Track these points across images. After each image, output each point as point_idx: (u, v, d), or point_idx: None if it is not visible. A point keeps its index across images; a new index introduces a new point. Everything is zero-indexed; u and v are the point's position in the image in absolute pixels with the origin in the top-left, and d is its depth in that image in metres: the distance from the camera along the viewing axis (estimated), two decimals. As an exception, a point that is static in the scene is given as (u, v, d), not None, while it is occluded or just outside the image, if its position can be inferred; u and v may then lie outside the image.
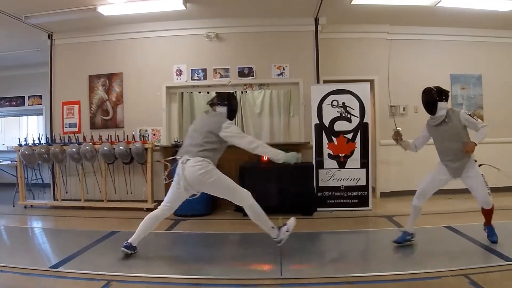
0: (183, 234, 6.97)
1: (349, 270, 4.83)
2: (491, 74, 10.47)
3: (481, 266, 4.83)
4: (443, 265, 4.86)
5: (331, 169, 8.47)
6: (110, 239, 6.42)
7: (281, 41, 9.42)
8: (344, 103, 8.47)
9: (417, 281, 4.48)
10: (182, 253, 5.89)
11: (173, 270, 5.08)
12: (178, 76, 9.42)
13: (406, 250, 5.81)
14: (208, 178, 5.33)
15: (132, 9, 8.42)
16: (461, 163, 5.81)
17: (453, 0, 8.39)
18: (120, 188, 9.33)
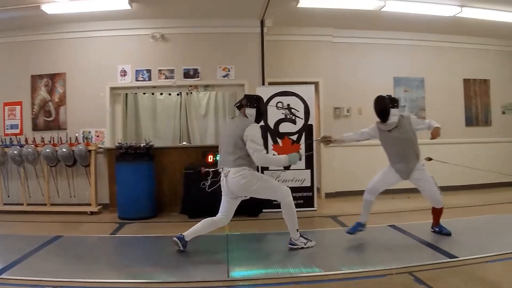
0: (128, 238, 6.88)
1: (296, 270, 4.89)
2: (433, 77, 10.78)
3: (425, 264, 4.95)
4: (388, 263, 4.98)
5: (276, 170, 8.49)
6: (54, 244, 6.26)
7: (227, 43, 9.42)
8: (289, 105, 8.52)
9: (362, 280, 4.56)
10: (128, 257, 5.81)
11: (119, 275, 5.00)
12: (122, 76, 9.27)
13: (352, 249, 5.94)
14: (252, 185, 5.46)
15: (76, 7, 8.24)
16: (410, 167, 6.02)
17: (397, 5, 8.57)
18: (63, 192, 9.10)
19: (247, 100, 5.71)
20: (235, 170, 5.40)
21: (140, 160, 8.23)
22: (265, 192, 5.70)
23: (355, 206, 8.69)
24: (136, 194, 8.11)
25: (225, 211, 5.76)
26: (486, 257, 5.12)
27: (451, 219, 6.83)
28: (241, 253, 5.79)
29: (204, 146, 9.93)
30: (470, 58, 11.22)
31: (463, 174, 9.82)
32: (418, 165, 6.05)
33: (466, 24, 9.67)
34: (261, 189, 5.58)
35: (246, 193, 5.62)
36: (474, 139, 11.03)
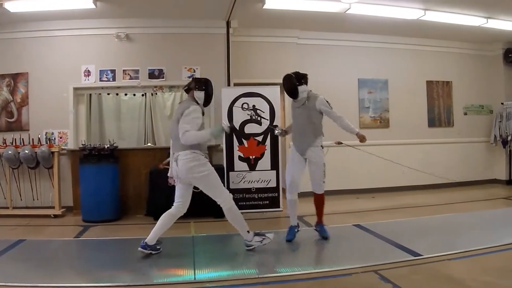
0: (92, 241, 6.77)
1: (262, 271, 4.90)
2: (397, 79, 10.94)
3: (390, 262, 5.01)
4: (354, 262, 5.05)
5: (242, 171, 8.54)
6: (16, 248, 6.10)
7: (192, 43, 9.38)
8: (255, 106, 8.55)
9: (328, 279, 4.59)
10: (92, 261, 5.73)
11: (84, 279, 4.92)
12: (86, 77, 9.12)
13: (318, 249, 6.04)
14: (199, 172, 5.43)
15: (40, 6, 8.12)
16: (306, 142, 6.27)
17: (362, 8, 8.66)
18: (26, 194, 8.91)
19: (195, 83, 5.69)
20: (185, 153, 5.38)
21: (104, 161, 8.12)
22: (209, 186, 5.62)
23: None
24: (101, 196, 7.99)
25: (180, 196, 5.74)
26: (450, 254, 5.25)
27: (414, 218, 6.95)
28: (208, 254, 5.78)
29: (169, 147, 9.71)
30: (433, 60, 11.47)
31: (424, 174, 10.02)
32: (314, 143, 6.29)
33: (430, 27, 9.88)
34: (207, 181, 5.54)
35: (193, 179, 5.50)
36: (437, 140, 11.26)
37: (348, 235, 6.52)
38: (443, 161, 10.94)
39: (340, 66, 10.57)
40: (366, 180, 10.45)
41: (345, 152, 10.28)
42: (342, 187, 10.15)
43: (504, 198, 9.69)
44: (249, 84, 9.25)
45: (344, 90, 10.43)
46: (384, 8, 8.72)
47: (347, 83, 10.50)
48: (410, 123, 11.03)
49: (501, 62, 11.79)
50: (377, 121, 10.71)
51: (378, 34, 10.65)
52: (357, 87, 10.58)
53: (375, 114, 10.75)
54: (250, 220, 7.78)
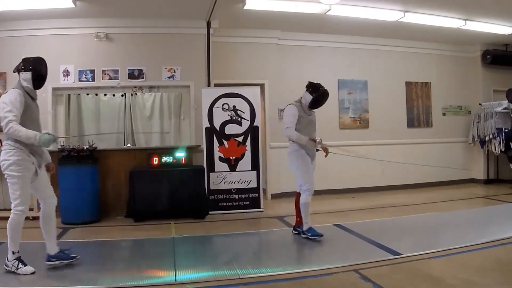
0: (71, 244, 6.64)
1: (243, 271, 4.88)
2: (376, 80, 11.03)
3: (371, 261, 5.05)
4: (334, 262, 5.07)
5: (222, 172, 8.53)
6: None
7: (173, 43, 9.33)
8: (235, 106, 8.55)
9: (309, 279, 4.60)
10: (72, 264, 5.68)
11: (63, 282, 4.83)
12: (65, 77, 9.01)
13: (298, 249, 6.04)
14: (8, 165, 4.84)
15: (18, 4, 8.00)
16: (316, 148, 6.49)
17: (343, 9, 8.72)
18: (4, 195, 8.67)
19: (22, 62, 5.32)
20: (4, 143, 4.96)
21: (84, 163, 8.02)
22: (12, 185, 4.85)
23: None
24: (80, 198, 7.89)
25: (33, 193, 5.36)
26: (429, 253, 5.32)
27: (394, 217, 7.00)
28: (188, 255, 5.76)
29: (149, 148, 9.83)
30: (412, 61, 11.60)
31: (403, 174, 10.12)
32: None
33: (409, 28, 10.00)
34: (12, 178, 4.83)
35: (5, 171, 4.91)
36: (416, 140, 11.37)
37: (328, 235, 6.49)
38: (422, 161, 11.04)
39: (320, 67, 10.58)
40: (347, 180, 10.51)
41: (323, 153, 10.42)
42: (322, 187, 10.16)
43: (482, 197, 9.83)
44: (230, 84, 9.25)
45: (323, 91, 10.48)
46: (364, 9, 8.79)
47: (327, 84, 10.19)
48: (390, 124, 11.13)
49: (479, 64, 11.97)
50: (356, 121, 10.78)
51: (358, 36, 10.72)
52: (337, 88, 10.62)
53: (355, 115, 10.81)
54: (231, 221, 7.87)
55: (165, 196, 8.03)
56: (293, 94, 10.17)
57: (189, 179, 8.18)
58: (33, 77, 5.20)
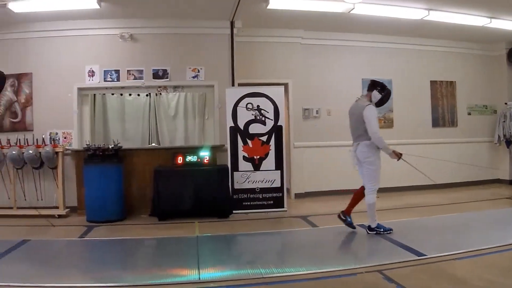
0: (96, 241, 6.78)
1: (266, 271, 4.86)
2: (401, 79, 10.94)
3: (395, 262, 5.00)
4: (358, 262, 5.07)
5: (246, 171, 8.53)
6: (21, 248, 6.11)
7: (197, 44, 9.36)
8: (259, 106, 8.55)
9: (332, 279, 4.57)
10: (96, 261, 5.75)
11: (88, 279, 4.93)
12: (90, 77, 9.12)
13: (322, 248, 5.99)
14: None
15: (44, 6, 8.09)
16: None
17: (366, 8, 8.66)
18: (30, 194, 8.92)
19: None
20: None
21: (109, 162, 8.12)
22: None
23: (324, 206, 8.84)
24: (105, 196, 8.00)
25: None
26: (454, 254, 5.24)
27: (419, 217, 6.94)
28: (212, 254, 5.78)
29: (173, 147, 9.87)
30: (437, 60, 11.47)
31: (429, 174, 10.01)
32: None
33: (434, 27, 9.89)
34: None
35: None
36: (441, 140, 11.26)
37: (352, 235, 6.52)
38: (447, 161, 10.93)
39: (344, 66, 10.58)
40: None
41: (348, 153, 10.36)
42: (349, 187, 10.12)
43: (507, 198, 9.69)
44: (254, 84, 9.25)
45: (348, 90, 10.37)
46: (388, 8, 8.71)
47: (351, 83, 10.49)
48: (414, 123, 11.04)
49: (504, 62, 11.79)
50: (381, 121, 10.65)
51: (382, 34, 10.65)
52: (361, 87, 10.52)
53: (379, 114, 10.65)
54: (254, 221, 7.88)
55: (189, 195, 8.07)
56: (317, 93, 10.25)
57: (213, 178, 8.22)
58: None
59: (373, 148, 6.34)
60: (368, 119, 6.23)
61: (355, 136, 6.57)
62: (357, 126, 6.45)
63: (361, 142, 6.42)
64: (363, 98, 6.59)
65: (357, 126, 6.43)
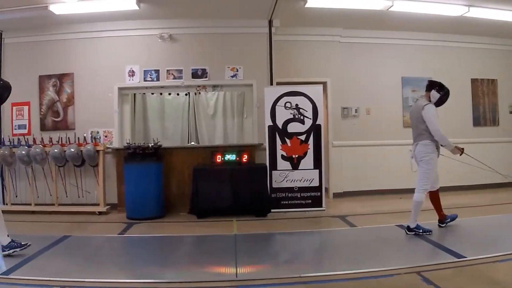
0: (136, 238, 6.88)
1: (304, 270, 4.86)
2: (441, 77, 10.63)
3: (433, 263, 4.94)
4: (396, 263, 4.97)
5: (285, 170, 8.54)
6: (62, 244, 6.27)
7: (235, 43, 9.41)
8: (297, 105, 8.54)
9: (370, 279, 4.54)
10: (135, 257, 5.83)
11: (127, 275, 5.03)
12: (130, 77, 9.27)
13: (360, 249, 5.92)
14: None
15: (84, 8, 8.24)
16: None
17: (405, 5, 8.56)
18: (72, 192, 9.13)
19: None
20: None
21: (149, 160, 8.25)
22: None
23: (363, 206, 8.76)
24: (144, 194, 8.13)
25: None
26: (494, 256, 5.12)
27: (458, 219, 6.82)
28: (250, 253, 5.78)
29: (212, 146, 9.92)
30: (477, 57, 11.21)
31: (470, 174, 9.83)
32: None
33: (474, 23, 9.67)
34: None
35: None
36: (481, 139, 11.02)
37: (391, 236, 6.45)
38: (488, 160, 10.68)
39: (383, 65, 10.46)
40: (410, 180, 10.26)
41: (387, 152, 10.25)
42: (386, 187, 10.07)
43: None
44: (292, 83, 9.23)
45: (387, 89, 10.34)
46: (427, 5, 8.60)
47: (391, 82, 10.38)
48: (455, 122, 10.81)
49: (547, 59, 11.47)
50: (421, 120, 10.55)
51: (421, 32, 10.47)
52: (400, 86, 10.45)
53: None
54: (292, 220, 7.87)
55: (227, 193, 8.12)
56: (356, 92, 10.17)
57: (251, 177, 8.26)
58: None
59: (430, 148, 6.36)
60: (428, 118, 6.35)
61: (414, 135, 6.61)
62: (416, 126, 6.53)
63: (419, 142, 6.44)
64: (422, 98, 6.70)
65: (417, 126, 6.52)
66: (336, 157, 10.08)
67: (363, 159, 10.17)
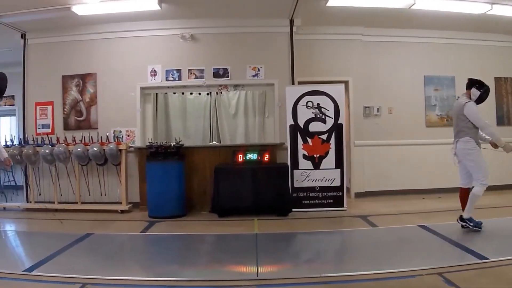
0: (158, 236, 6.94)
1: (325, 270, 4.84)
2: (464, 76, 10.54)
3: (456, 265, 4.87)
4: (418, 264, 4.92)
5: (306, 170, 8.52)
6: (84, 242, 6.34)
7: (256, 42, 9.41)
8: (319, 104, 8.51)
9: (392, 280, 4.51)
10: (157, 255, 5.85)
11: (148, 272, 5.07)
12: (152, 76, 9.34)
13: (381, 249, 5.88)
14: None
15: (106, 8, 8.32)
16: None
17: (427, 3, 8.47)
18: (94, 190, 9.25)
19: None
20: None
21: (170, 159, 8.28)
22: None
23: (385, 206, 8.70)
24: (166, 193, 8.17)
25: None
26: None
27: (482, 219, 6.72)
28: (270, 252, 5.77)
29: (234, 145, 9.91)
30: (501, 56, 11.03)
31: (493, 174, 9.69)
32: None
33: (497, 21, 9.53)
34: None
35: None
36: (506, 139, 10.82)
37: (413, 236, 6.39)
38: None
39: (405, 63, 10.36)
40: (433, 180, 10.19)
41: (409, 152, 10.16)
42: (408, 187, 9.99)
43: None
44: (313, 82, 9.16)
45: (409, 88, 10.24)
46: (449, 2, 8.51)
47: (413, 81, 10.29)
48: (478, 122, 10.70)
49: None
50: (443, 119, 10.42)
51: (444, 30, 10.33)
52: (423, 85, 10.35)
53: (442, 112, 10.45)
54: (314, 219, 7.85)
55: (248, 192, 8.13)
56: (378, 91, 10.10)
57: (273, 176, 8.25)
58: None
59: (471, 144, 6.37)
60: (471, 116, 6.36)
61: (454, 133, 6.65)
62: (457, 123, 6.56)
63: (460, 139, 6.46)
64: (463, 96, 6.66)
65: (457, 123, 6.55)
66: (358, 157, 10.02)
67: (385, 158, 10.09)
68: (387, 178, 10.08)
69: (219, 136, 11.44)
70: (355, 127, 10.05)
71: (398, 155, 10.05)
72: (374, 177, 10.01)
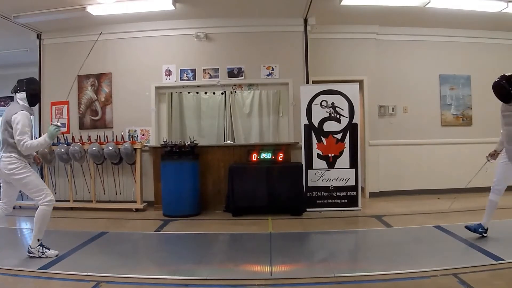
0: (172, 235, 6.97)
1: (339, 270, 4.81)
2: (480, 75, 10.51)
3: (470, 266, 4.82)
4: (433, 265, 4.87)
5: (321, 169, 8.49)
6: (99, 240, 6.40)
7: (271, 42, 9.41)
8: (333, 103, 8.48)
9: (406, 281, 4.48)
10: (172, 254, 5.87)
11: (163, 271, 5.07)
12: (167, 76, 9.38)
13: (396, 249, 5.84)
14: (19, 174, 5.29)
15: (121, 9, 8.37)
16: None
17: (442, 1, 8.40)
18: (109, 189, 9.33)
19: (17, 83, 5.57)
20: (6, 155, 5.31)
21: (185, 158, 8.30)
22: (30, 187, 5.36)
23: (399, 206, 8.66)
24: (181, 192, 8.20)
25: (4, 196, 5.51)
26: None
27: (497, 220, 6.66)
28: (284, 252, 5.74)
29: (248, 144, 9.89)
30: (518, 55, 10.95)
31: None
32: None
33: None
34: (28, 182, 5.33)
35: (14, 180, 5.35)
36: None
37: (427, 237, 6.32)
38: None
39: (420, 62, 10.28)
40: (448, 180, 10.12)
41: (425, 151, 10.09)
42: (423, 187, 9.93)
43: None
44: (328, 81, 9.10)
45: (424, 87, 10.17)
46: (465, 1, 8.43)
47: (428, 80, 10.21)
48: (495, 122, 10.48)
49: None
50: (459, 118, 10.34)
51: (459, 28, 10.26)
52: (438, 84, 10.28)
53: (457, 112, 10.37)
54: (328, 219, 7.81)
55: (263, 192, 8.12)
56: (393, 90, 10.06)
57: (287, 175, 8.23)
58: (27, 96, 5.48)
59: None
60: None
61: None
62: None
63: None
64: None
65: None
66: (372, 156, 9.98)
67: (400, 158, 10.03)
68: (402, 178, 10.02)
69: (234, 135, 11.47)
70: (370, 127, 10.01)
71: (413, 154, 9.99)
72: (388, 177, 9.96)
